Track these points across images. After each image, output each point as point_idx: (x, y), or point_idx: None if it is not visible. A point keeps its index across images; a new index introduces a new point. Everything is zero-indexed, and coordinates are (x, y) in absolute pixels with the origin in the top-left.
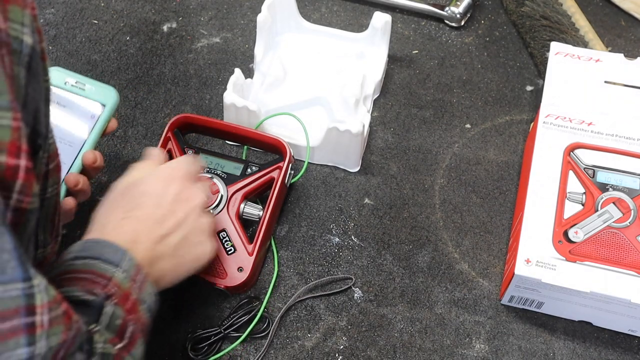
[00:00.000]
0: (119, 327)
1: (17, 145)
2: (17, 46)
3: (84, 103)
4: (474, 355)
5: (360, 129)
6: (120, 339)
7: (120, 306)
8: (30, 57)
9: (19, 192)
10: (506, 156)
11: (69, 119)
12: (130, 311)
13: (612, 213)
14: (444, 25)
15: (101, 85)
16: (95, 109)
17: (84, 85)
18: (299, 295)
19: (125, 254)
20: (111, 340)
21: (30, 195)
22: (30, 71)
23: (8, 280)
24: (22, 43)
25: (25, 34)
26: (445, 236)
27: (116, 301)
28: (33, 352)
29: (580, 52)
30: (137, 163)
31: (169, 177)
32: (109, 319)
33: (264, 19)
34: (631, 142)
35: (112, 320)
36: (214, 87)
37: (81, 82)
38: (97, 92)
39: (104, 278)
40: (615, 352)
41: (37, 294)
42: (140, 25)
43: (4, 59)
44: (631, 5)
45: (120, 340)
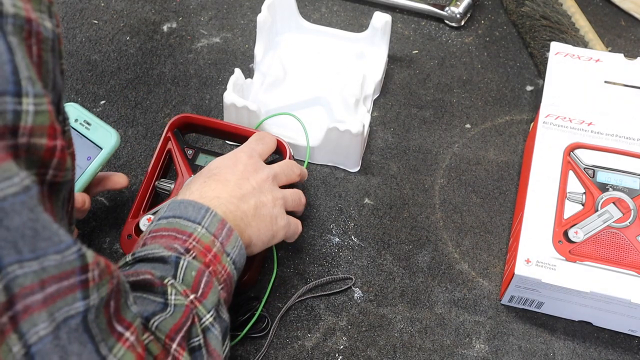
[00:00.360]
0: (193, 278)
1: (54, 128)
2: (45, 33)
3: (84, 143)
4: (474, 355)
5: (360, 129)
6: (194, 290)
7: (199, 259)
8: (53, 41)
9: (54, 168)
10: (506, 156)
11: None
12: (210, 263)
13: (612, 213)
14: (444, 25)
15: (104, 128)
16: (93, 151)
17: (89, 124)
18: (299, 295)
19: (207, 211)
20: (184, 292)
21: (64, 170)
22: (54, 55)
23: (64, 247)
24: (47, 30)
25: (45, 19)
26: (445, 236)
27: (195, 255)
28: (88, 304)
29: (580, 52)
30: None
31: (235, 156)
32: (184, 272)
33: (264, 19)
34: (631, 142)
35: (187, 273)
36: (214, 87)
37: (88, 120)
38: (99, 135)
39: (184, 234)
40: (615, 352)
41: (86, 253)
42: (140, 25)
43: (32, 48)
44: (631, 5)
45: (193, 292)
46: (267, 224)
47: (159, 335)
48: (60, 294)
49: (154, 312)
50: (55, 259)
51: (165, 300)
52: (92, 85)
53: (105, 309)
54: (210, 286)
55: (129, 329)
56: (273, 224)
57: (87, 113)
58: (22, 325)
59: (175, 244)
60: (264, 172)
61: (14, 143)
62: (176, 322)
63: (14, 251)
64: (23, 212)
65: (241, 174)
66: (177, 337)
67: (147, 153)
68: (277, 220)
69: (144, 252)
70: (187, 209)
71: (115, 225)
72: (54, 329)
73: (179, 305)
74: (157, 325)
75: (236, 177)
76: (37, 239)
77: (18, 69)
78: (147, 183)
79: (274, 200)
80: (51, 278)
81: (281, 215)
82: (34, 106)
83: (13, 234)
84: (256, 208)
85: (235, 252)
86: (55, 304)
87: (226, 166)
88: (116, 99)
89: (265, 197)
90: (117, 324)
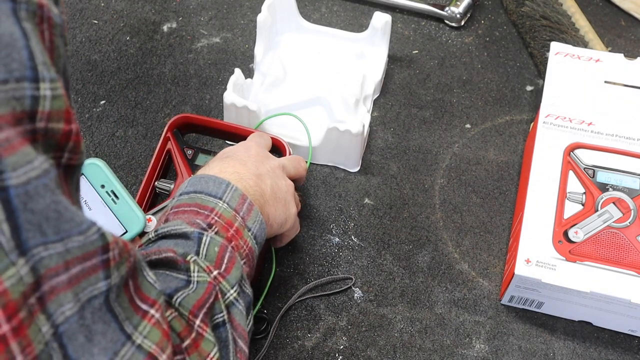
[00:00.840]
0: (216, 254)
1: (69, 112)
2: (56, 19)
3: (107, 215)
4: (474, 355)
5: (360, 129)
6: (217, 266)
7: (221, 234)
8: (61, 27)
9: (69, 151)
10: (506, 156)
11: None
12: (232, 238)
13: (612, 213)
14: (444, 25)
15: (132, 208)
16: (116, 229)
17: (117, 198)
18: (299, 295)
19: (228, 185)
20: (207, 268)
21: (78, 152)
22: (63, 41)
23: (86, 228)
24: (56, 15)
25: (53, 5)
26: (445, 236)
27: (217, 229)
28: (110, 283)
29: (580, 52)
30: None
31: (246, 144)
32: (207, 247)
33: (264, 19)
34: (631, 142)
35: (210, 248)
36: (214, 87)
37: (116, 192)
38: (125, 214)
39: (206, 209)
40: (615, 352)
41: (106, 233)
42: (140, 25)
43: (44, 33)
44: (631, 5)
45: (216, 267)
46: (282, 207)
47: (182, 311)
48: (84, 274)
49: (177, 289)
50: (79, 240)
51: (189, 277)
52: (92, 85)
53: (125, 288)
54: (233, 262)
55: (153, 306)
56: (287, 209)
57: (114, 179)
58: (49, 306)
59: (198, 219)
60: (275, 160)
61: (32, 128)
62: (199, 298)
63: (39, 233)
64: (46, 195)
65: (256, 158)
66: (200, 313)
67: (147, 153)
68: (289, 206)
69: (167, 229)
70: (208, 184)
71: None
72: (79, 309)
73: (201, 282)
74: (180, 302)
75: (252, 159)
76: (61, 221)
77: (34, 55)
78: (147, 183)
79: (287, 186)
80: (75, 259)
81: (293, 204)
82: (51, 91)
83: (38, 216)
84: (272, 188)
85: (256, 227)
86: (79, 284)
87: (240, 151)
88: (116, 99)
89: (280, 181)
90: (140, 302)
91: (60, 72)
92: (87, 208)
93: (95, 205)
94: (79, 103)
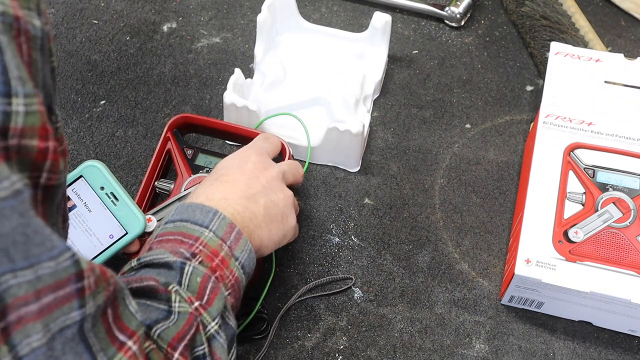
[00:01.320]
0: (199, 284)
1: (46, 129)
2: (33, 32)
3: (108, 219)
4: (474, 355)
5: (360, 129)
6: (199, 297)
7: (205, 264)
8: (42, 39)
9: (48, 170)
10: (506, 156)
11: (88, 228)
12: (217, 268)
13: (612, 213)
14: (444, 25)
15: (132, 210)
16: (117, 230)
17: (117, 200)
18: (299, 295)
19: (215, 214)
20: (189, 299)
21: (57, 172)
22: (43, 53)
23: (57, 253)
24: (36, 28)
25: (34, 17)
26: (445, 236)
27: (201, 259)
28: (84, 313)
29: (580, 52)
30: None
31: (244, 154)
32: (189, 277)
33: (264, 19)
34: (631, 142)
35: (192, 279)
36: (214, 87)
37: (116, 194)
38: (125, 216)
39: (190, 238)
40: (615, 352)
41: (80, 260)
42: (140, 25)
43: (22, 47)
44: (631, 5)
45: (198, 298)
46: (278, 224)
47: (161, 344)
48: (57, 304)
49: (157, 320)
50: (50, 265)
51: (169, 308)
52: (92, 85)
53: (102, 317)
54: (216, 292)
55: (131, 338)
56: (284, 224)
57: (113, 181)
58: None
59: (181, 249)
60: (274, 169)
61: (4, 145)
62: (179, 330)
63: (7, 259)
64: (13, 217)
65: (250, 173)
66: (180, 345)
67: (147, 153)
68: (287, 220)
69: (149, 258)
70: (195, 212)
71: None
72: (48, 340)
73: (182, 313)
74: (160, 334)
75: (245, 177)
76: (30, 245)
77: (8, 69)
78: (147, 183)
79: (285, 198)
80: (47, 287)
81: (292, 215)
82: (24, 107)
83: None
84: (266, 208)
85: (244, 257)
86: (51, 314)
87: (234, 166)
88: (116, 99)
89: (276, 195)
90: (118, 332)
91: (40, 87)
92: (87, 210)
93: (95, 207)
94: (79, 103)
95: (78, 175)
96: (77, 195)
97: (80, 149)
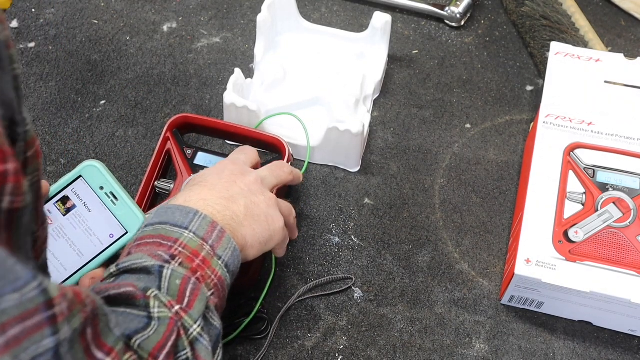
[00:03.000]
0: (178, 287)
1: (2, 151)
2: None
3: (108, 218)
4: (474, 355)
5: (360, 129)
6: (179, 300)
7: (186, 265)
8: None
9: (10, 194)
10: (506, 156)
11: (88, 227)
12: (197, 269)
13: (612, 213)
14: (444, 25)
15: (131, 209)
16: (117, 230)
17: (116, 199)
18: (299, 295)
19: (195, 214)
20: (169, 303)
21: (21, 194)
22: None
23: (22, 285)
24: None
25: None
26: (445, 236)
27: (181, 261)
28: (59, 339)
29: (580, 52)
30: None
31: (220, 165)
32: (168, 281)
33: (264, 19)
34: (631, 142)
35: (171, 282)
36: (214, 87)
37: (115, 194)
38: (125, 215)
39: (169, 240)
40: (615, 352)
41: (49, 287)
42: (140, 25)
43: None
44: (631, 5)
45: (178, 302)
46: (263, 224)
47: (142, 354)
48: (25, 335)
49: (137, 330)
50: (14, 298)
51: (149, 314)
52: (92, 85)
53: (81, 338)
54: (196, 294)
55: (110, 354)
56: (270, 224)
57: (112, 180)
58: None
59: (160, 251)
60: (251, 175)
61: None
62: (160, 338)
63: None
64: None
65: (228, 178)
66: (161, 354)
67: (147, 153)
68: (273, 221)
69: (128, 263)
70: (175, 214)
71: None
72: None
73: (162, 318)
74: (140, 344)
75: (223, 181)
76: None
77: None
78: (147, 183)
79: (266, 200)
80: (12, 320)
81: (277, 217)
82: None
83: None
84: (247, 208)
85: (227, 255)
86: (20, 345)
87: (211, 174)
88: (116, 99)
89: (257, 197)
90: (96, 350)
91: None
92: (87, 210)
93: (94, 207)
94: (79, 103)
95: (77, 176)
96: (76, 195)
97: (80, 149)
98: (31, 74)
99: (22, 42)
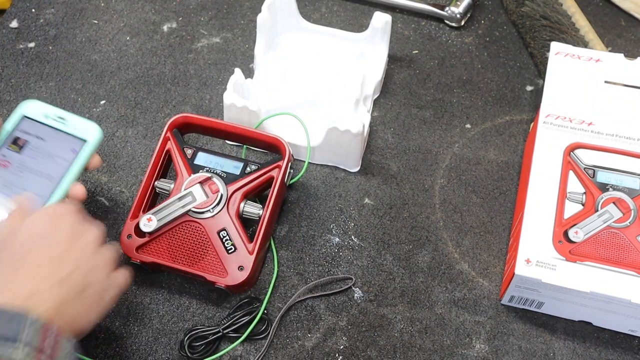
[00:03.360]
0: None
1: None
2: None
3: (64, 137)
4: (474, 355)
5: (360, 129)
6: None
7: None
8: None
9: None
10: (506, 156)
11: (48, 153)
12: None
13: (612, 213)
14: (444, 25)
15: (83, 121)
16: (76, 144)
17: (64, 119)
18: (299, 295)
19: (25, 319)
20: None
21: None
22: None
23: None
24: None
25: None
26: (445, 236)
27: None
28: None
29: (580, 52)
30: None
31: (54, 214)
32: None
33: (264, 19)
34: (631, 142)
35: None
36: (214, 87)
37: (61, 115)
38: (79, 128)
39: None
40: (615, 352)
41: None
42: (140, 25)
43: None
44: (631, 5)
45: None
46: (99, 298)
47: None
48: None
49: None
50: None
51: None
52: (92, 85)
53: None
54: None
55: None
56: (101, 301)
57: (53, 108)
58: None
59: None
60: (89, 234)
61: None
62: None
63: None
64: None
65: (63, 247)
66: None
67: (147, 153)
68: (105, 295)
69: None
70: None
71: (114, 225)
72: None
73: None
74: None
75: (55, 253)
76: None
77: None
78: (147, 183)
79: (104, 266)
80: None
81: (111, 287)
82: None
83: None
84: (83, 287)
85: (67, 358)
86: None
87: (42, 236)
88: (116, 99)
89: (94, 275)
90: None
91: None
92: (41, 140)
93: (46, 134)
94: (79, 103)
95: (20, 117)
96: (25, 133)
97: None
98: (31, 74)
99: (22, 42)
